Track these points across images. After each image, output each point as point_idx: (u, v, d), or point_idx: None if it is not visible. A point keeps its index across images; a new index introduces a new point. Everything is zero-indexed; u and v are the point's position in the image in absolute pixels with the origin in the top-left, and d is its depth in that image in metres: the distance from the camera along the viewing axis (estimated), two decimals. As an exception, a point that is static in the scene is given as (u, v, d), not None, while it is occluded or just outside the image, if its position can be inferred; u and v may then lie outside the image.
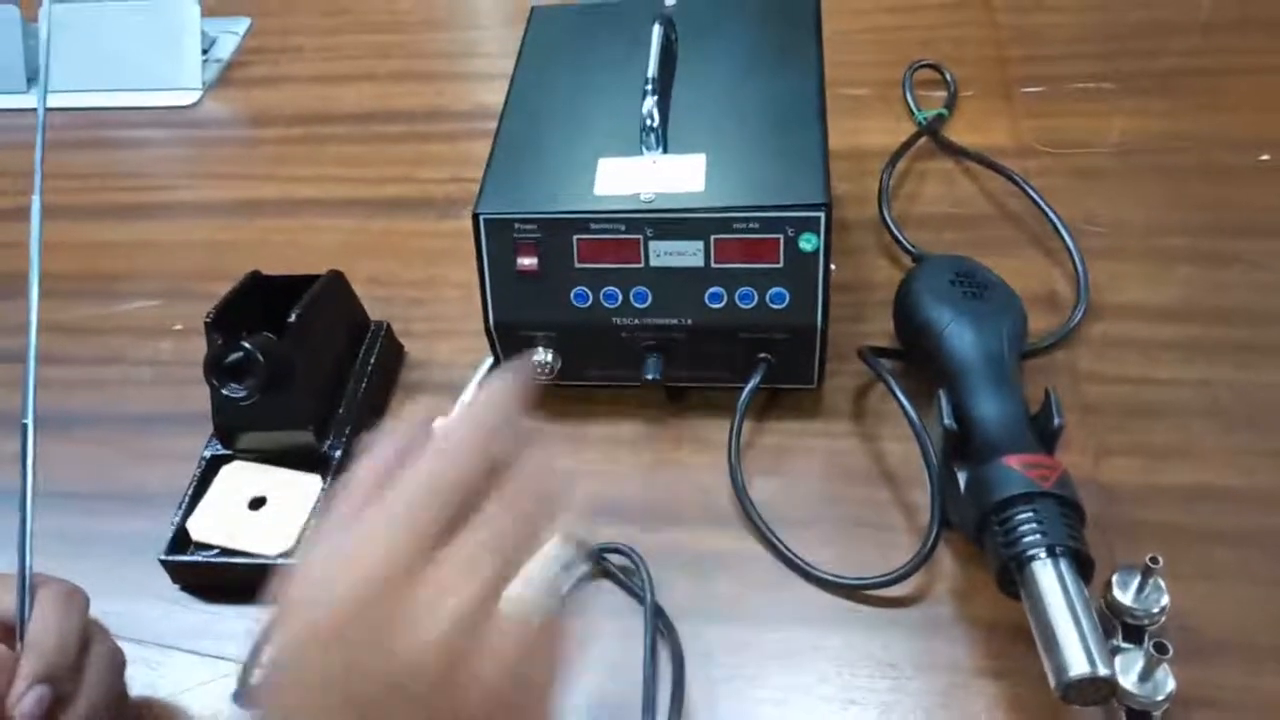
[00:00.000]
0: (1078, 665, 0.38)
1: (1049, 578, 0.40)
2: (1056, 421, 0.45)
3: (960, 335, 0.49)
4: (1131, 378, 0.54)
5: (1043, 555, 0.41)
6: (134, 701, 0.45)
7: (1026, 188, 0.62)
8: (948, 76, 0.72)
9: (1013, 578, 0.42)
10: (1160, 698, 0.40)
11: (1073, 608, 0.39)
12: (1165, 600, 0.42)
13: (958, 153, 0.67)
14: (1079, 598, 0.40)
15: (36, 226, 0.41)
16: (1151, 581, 0.42)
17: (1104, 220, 0.61)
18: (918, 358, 0.53)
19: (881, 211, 0.63)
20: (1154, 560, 0.41)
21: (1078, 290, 0.57)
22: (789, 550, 0.48)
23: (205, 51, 0.85)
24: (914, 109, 0.70)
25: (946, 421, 0.46)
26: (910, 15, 0.80)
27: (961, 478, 0.46)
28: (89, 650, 0.40)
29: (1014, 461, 0.43)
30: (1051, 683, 0.39)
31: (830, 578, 0.47)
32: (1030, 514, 0.42)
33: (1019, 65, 0.73)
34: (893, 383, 0.50)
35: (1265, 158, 0.64)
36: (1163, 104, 0.69)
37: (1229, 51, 0.72)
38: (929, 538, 0.47)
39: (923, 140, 0.68)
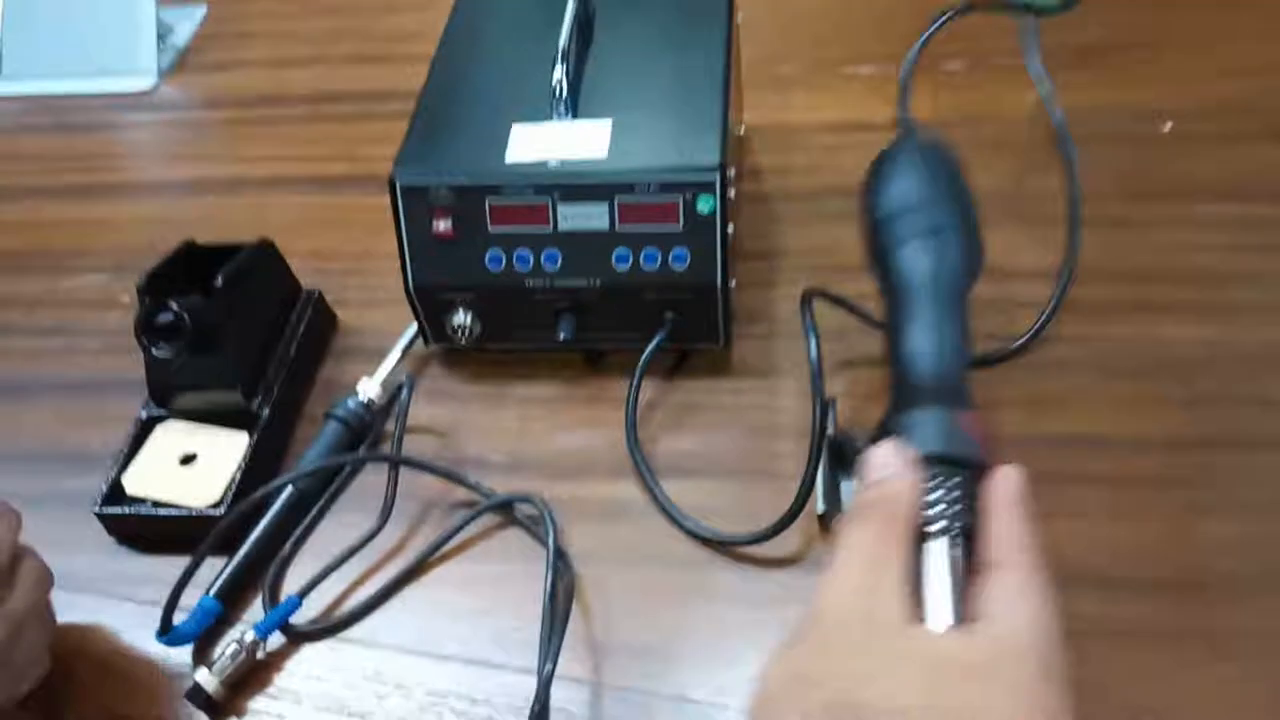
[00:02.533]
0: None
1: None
2: None
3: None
4: (1019, 333, 0.56)
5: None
6: (60, 626, 0.48)
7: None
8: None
9: None
10: None
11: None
12: (1028, 536, 0.45)
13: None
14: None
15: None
16: (1015, 518, 0.45)
17: (1010, 189, 0.63)
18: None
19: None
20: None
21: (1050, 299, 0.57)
22: (668, 504, 0.51)
23: (162, 39, 0.87)
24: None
25: (829, 430, 0.48)
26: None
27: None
28: (20, 563, 0.44)
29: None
30: None
31: (701, 532, 0.50)
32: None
33: (941, 42, 0.75)
34: (809, 325, 0.50)
35: (1168, 126, 0.66)
36: (1075, 77, 0.70)
37: (1145, 25, 0.74)
38: (795, 507, 0.48)
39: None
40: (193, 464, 0.54)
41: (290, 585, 0.51)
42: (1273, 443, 0.50)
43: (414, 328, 0.59)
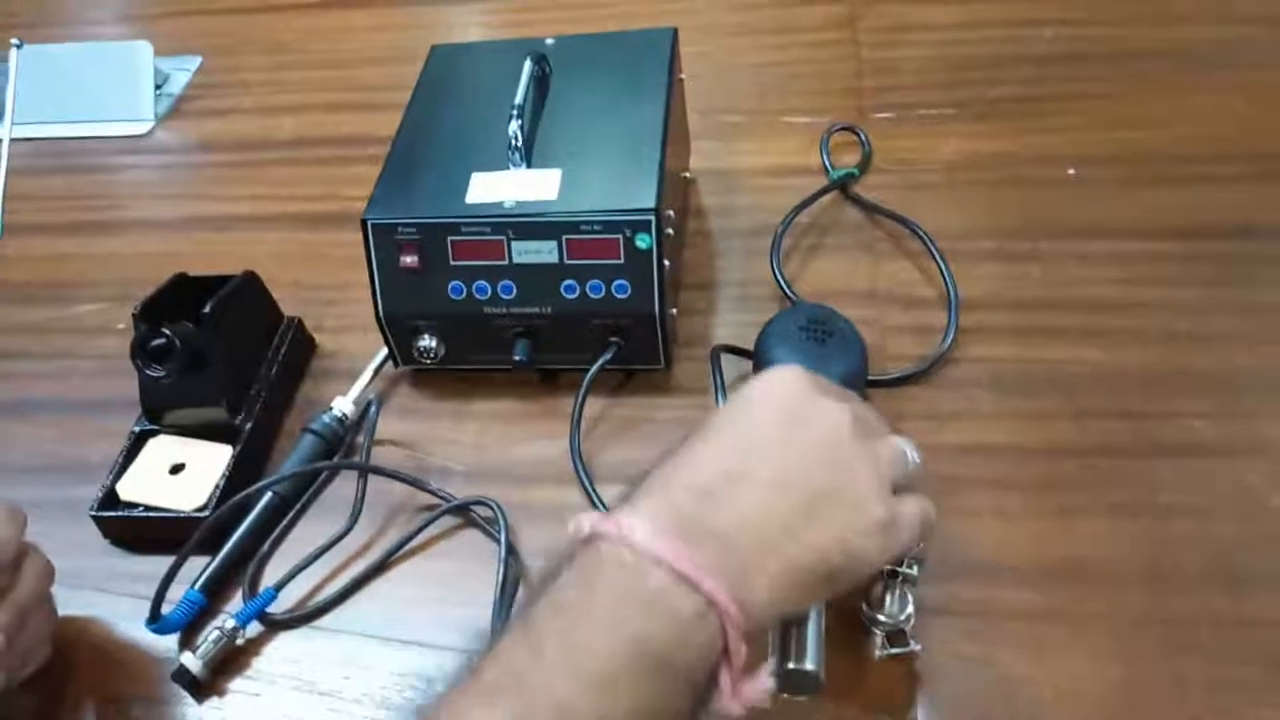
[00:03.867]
0: (797, 660, 0.42)
1: None
2: None
3: None
4: (930, 356, 0.63)
5: None
6: (61, 617, 0.53)
7: (927, 241, 0.69)
8: (862, 138, 0.78)
9: None
10: (902, 617, 0.49)
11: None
12: (921, 530, 0.51)
13: (868, 207, 0.73)
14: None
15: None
16: (909, 515, 0.51)
17: (926, 226, 0.70)
18: None
19: (772, 260, 0.69)
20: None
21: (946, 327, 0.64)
22: (602, 507, 0.57)
23: (159, 86, 0.94)
24: (829, 167, 0.76)
25: None
26: (784, 51, 0.90)
27: None
28: (25, 558, 0.49)
29: None
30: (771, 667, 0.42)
31: None
32: None
33: (873, 95, 0.83)
34: (718, 381, 0.58)
35: (1071, 172, 0.74)
36: (991, 127, 0.78)
37: (1056, 80, 0.82)
38: None
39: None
40: (181, 473, 0.60)
41: (268, 580, 0.57)
42: (1141, 452, 0.56)
43: (384, 351, 0.65)
